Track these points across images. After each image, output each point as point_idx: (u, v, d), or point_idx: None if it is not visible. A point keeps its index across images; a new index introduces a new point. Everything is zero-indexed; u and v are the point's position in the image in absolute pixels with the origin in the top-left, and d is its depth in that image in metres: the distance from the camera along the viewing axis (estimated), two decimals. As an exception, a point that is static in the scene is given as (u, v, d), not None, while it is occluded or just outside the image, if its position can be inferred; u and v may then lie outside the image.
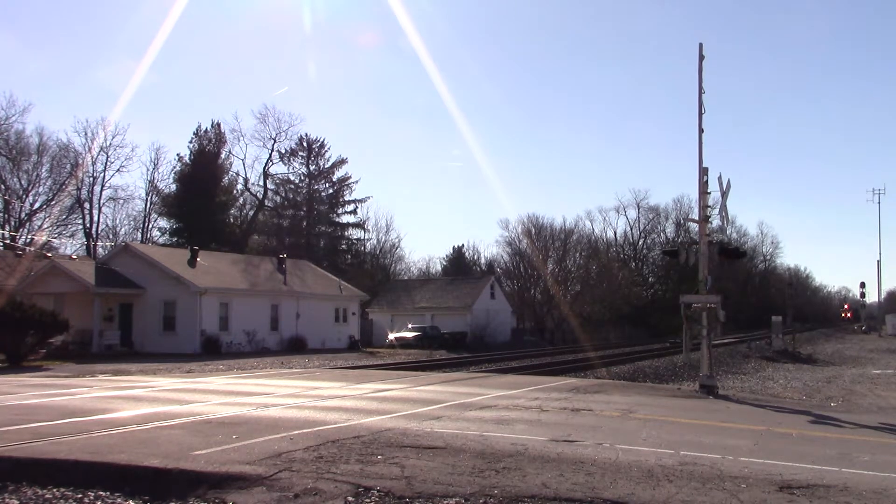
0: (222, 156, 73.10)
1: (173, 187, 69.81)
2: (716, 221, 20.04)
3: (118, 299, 39.20)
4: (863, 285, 74.15)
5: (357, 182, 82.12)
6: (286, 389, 17.05)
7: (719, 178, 16.76)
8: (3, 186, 58.51)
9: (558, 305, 67.38)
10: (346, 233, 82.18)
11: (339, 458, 8.45)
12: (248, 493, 7.12)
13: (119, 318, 39.40)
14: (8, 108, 62.09)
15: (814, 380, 24.77)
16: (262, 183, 75.54)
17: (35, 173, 59.66)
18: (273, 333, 42.86)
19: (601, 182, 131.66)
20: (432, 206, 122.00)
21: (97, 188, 64.03)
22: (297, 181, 79.63)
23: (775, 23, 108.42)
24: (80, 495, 7.41)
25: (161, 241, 66.96)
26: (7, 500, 7.35)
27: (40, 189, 60.05)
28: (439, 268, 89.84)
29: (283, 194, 79.51)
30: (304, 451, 8.77)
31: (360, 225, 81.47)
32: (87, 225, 63.99)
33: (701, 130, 16.79)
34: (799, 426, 12.01)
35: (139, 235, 67.77)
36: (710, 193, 16.88)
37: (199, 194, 65.67)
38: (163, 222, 70.61)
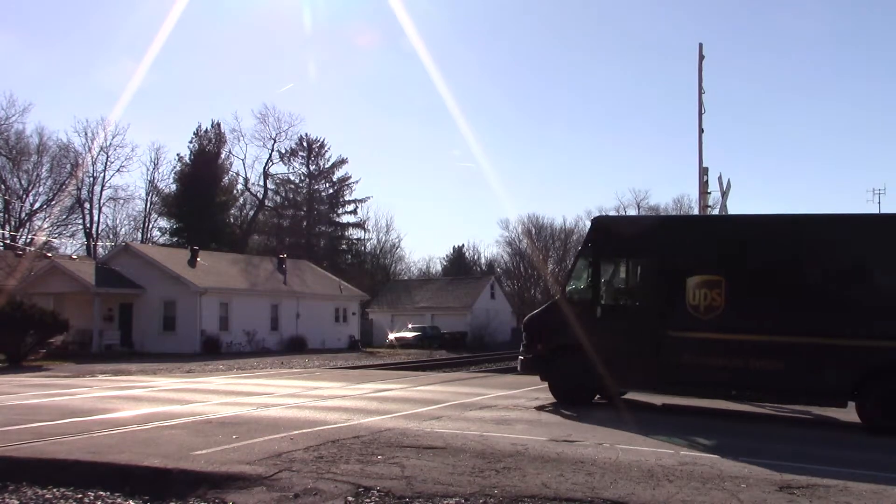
0: (222, 156, 73.10)
1: (173, 187, 69.80)
2: (716, 221, 20.02)
3: (118, 299, 39.18)
4: (863, 285, 74.05)
5: (357, 182, 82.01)
6: (286, 389, 17.05)
7: (719, 178, 16.80)
8: (3, 186, 58.50)
9: (558, 305, 67.11)
10: (346, 233, 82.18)
11: (339, 458, 8.45)
12: (248, 493, 7.12)
13: (119, 318, 39.37)
14: (8, 108, 62.21)
15: (814, 380, 24.74)
16: (262, 183, 75.55)
17: (35, 173, 59.69)
18: (273, 333, 42.84)
19: (601, 182, 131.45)
20: (432, 206, 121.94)
21: (97, 188, 64.06)
22: (297, 181, 79.64)
23: (776, 23, 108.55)
24: (80, 495, 7.41)
25: (161, 241, 66.94)
26: (7, 500, 7.35)
27: (40, 189, 60.09)
28: (439, 268, 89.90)
29: (283, 194, 79.50)
30: (304, 451, 8.77)
31: (360, 225, 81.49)
32: (87, 225, 64.03)
33: (701, 130, 16.84)
34: (798, 426, 12.02)
35: (139, 235, 67.78)
36: (710, 193, 16.92)
37: (199, 194, 65.61)
38: (163, 222, 70.63)
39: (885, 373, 11.53)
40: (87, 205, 63.65)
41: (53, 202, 59.75)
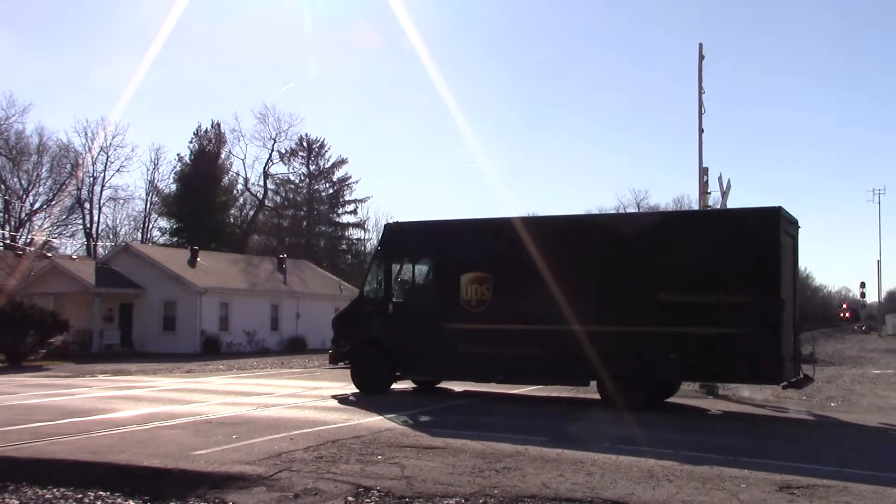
0: (222, 156, 72.90)
1: (173, 187, 69.64)
2: (716, 221, 20.03)
3: (118, 299, 39.15)
4: (863, 285, 73.65)
5: (357, 182, 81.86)
6: (286, 389, 17.06)
7: (719, 178, 16.80)
8: (3, 186, 58.40)
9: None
10: (346, 233, 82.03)
11: (339, 458, 8.45)
12: (248, 492, 7.12)
13: (119, 318, 39.33)
14: (8, 108, 61.59)
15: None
16: (262, 183, 75.41)
17: (35, 173, 59.51)
18: (273, 333, 42.80)
19: (601, 182, 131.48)
20: (432, 205, 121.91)
21: (97, 188, 63.82)
22: (297, 181, 79.51)
23: (776, 24, 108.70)
24: (80, 495, 7.42)
25: (161, 241, 66.82)
26: (7, 500, 7.36)
27: (40, 189, 59.88)
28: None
29: (283, 194, 79.41)
30: (304, 451, 8.77)
31: (360, 225, 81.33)
32: (87, 225, 63.88)
33: (701, 130, 16.82)
34: (799, 426, 12.02)
35: (139, 235, 67.65)
36: (710, 193, 16.91)
37: (199, 194, 65.50)
38: (163, 222, 70.45)
39: (618, 356, 13.09)
40: (87, 205, 63.54)
41: (53, 202, 59.66)
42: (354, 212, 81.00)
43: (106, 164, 63.62)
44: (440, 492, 6.99)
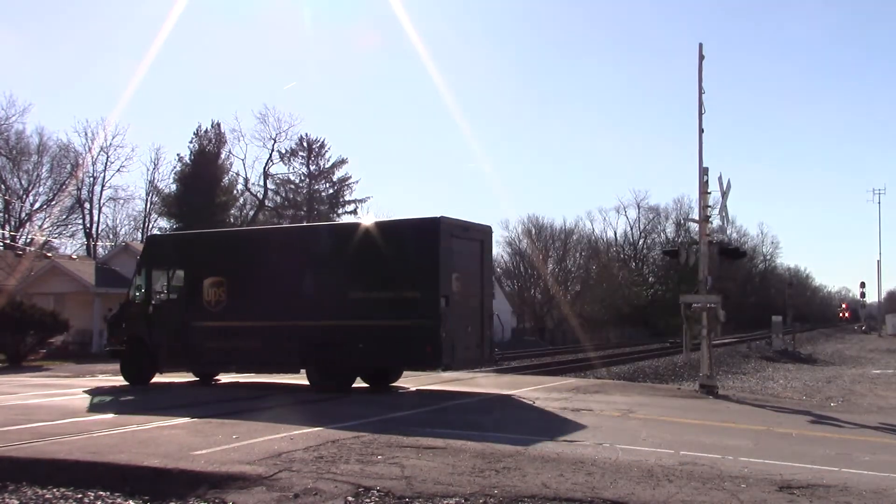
0: (222, 156, 72.71)
1: (173, 187, 69.60)
2: (716, 221, 20.01)
3: (118, 299, 38.98)
4: (863, 285, 73.74)
5: (357, 182, 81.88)
6: (285, 387, 17.02)
7: (719, 178, 16.77)
8: (3, 186, 58.39)
9: (558, 305, 67.25)
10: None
11: (339, 457, 8.45)
12: (248, 492, 7.12)
13: (119, 318, 39.31)
14: (8, 108, 61.65)
15: (814, 380, 24.77)
16: (262, 183, 75.44)
17: (35, 173, 59.51)
18: (273, 333, 42.76)
19: (601, 182, 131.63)
20: (433, 206, 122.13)
21: (97, 188, 63.86)
22: (297, 181, 79.55)
23: (775, 22, 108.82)
24: (80, 495, 7.42)
25: (161, 241, 66.73)
26: (7, 500, 7.36)
27: (40, 189, 59.90)
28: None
29: (284, 194, 79.44)
30: (304, 451, 8.77)
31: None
32: (87, 225, 63.90)
33: (701, 130, 16.78)
34: (799, 426, 12.02)
35: (139, 235, 67.57)
36: (710, 193, 16.86)
37: (200, 194, 65.40)
38: (163, 222, 70.32)
39: (320, 346, 15.22)
40: (87, 205, 63.55)
41: (53, 202, 59.66)
42: (354, 212, 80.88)
43: (106, 164, 63.63)
44: (440, 492, 6.99)
